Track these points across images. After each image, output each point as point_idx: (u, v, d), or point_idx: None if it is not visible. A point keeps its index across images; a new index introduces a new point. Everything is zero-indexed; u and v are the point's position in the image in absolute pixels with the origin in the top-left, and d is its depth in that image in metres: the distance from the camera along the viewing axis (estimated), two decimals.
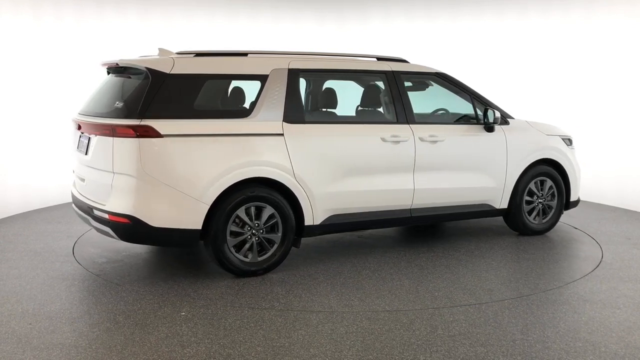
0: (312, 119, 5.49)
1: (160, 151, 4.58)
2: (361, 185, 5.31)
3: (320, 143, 5.15)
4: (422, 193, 5.60)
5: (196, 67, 4.91)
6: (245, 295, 4.53)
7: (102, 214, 4.71)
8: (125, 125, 4.57)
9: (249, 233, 4.89)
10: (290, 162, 4.97)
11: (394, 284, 4.81)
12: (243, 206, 4.83)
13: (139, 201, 4.58)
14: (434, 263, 5.38)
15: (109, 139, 4.65)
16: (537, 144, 6.25)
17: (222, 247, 4.79)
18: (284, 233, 5.00)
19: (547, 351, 3.59)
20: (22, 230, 6.53)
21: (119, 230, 4.67)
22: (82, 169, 5.14)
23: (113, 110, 4.78)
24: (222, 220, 4.75)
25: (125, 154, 4.57)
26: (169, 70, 4.77)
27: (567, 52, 8.68)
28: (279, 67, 5.12)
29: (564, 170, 6.40)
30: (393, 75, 5.62)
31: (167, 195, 4.61)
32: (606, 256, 5.63)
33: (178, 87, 4.75)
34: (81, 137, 5.13)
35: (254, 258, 4.93)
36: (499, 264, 5.40)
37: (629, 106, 8.02)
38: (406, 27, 9.69)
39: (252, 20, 9.51)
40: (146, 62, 4.84)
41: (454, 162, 5.77)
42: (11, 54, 7.43)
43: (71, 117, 5.47)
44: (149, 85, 4.68)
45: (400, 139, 5.45)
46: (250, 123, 4.91)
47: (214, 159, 4.72)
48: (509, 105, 8.62)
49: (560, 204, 6.43)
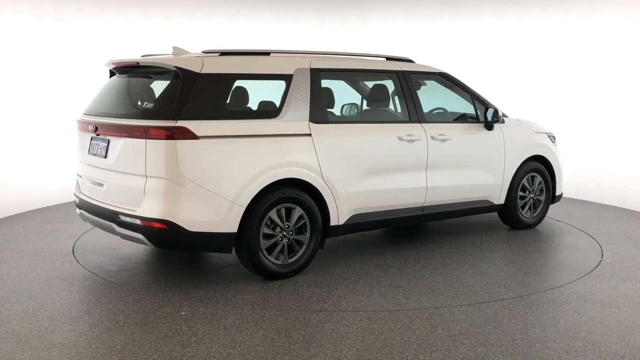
0: (334, 118, 5.48)
1: (196, 153, 4.42)
2: (380, 184, 5.36)
3: (345, 143, 5.16)
4: (434, 191, 5.72)
5: (225, 66, 4.78)
6: (246, 295, 4.54)
7: (132, 220, 4.49)
8: (161, 126, 4.37)
9: (280, 235, 4.82)
10: (318, 162, 4.94)
11: (394, 284, 4.82)
12: (275, 208, 4.74)
13: (176, 205, 4.40)
14: (432, 262, 5.38)
15: (140, 141, 4.44)
16: (529, 141, 6.52)
17: (257, 251, 4.69)
18: (312, 234, 4.97)
19: (547, 351, 3.59)
20: (22, 230, 6.53)
21: (153, 236, 4.48)
22: (99, 173, 4.90)
23: (142, 111, 4.60)
24: (256, 223, 4.66)
25: (161, 157, 4.37)
26: (200, 70, 4.61)
27: (567, 52, 8.68)
28: (301, 67, 5.07)
29: (551, 166, 6.71)
30: (404, 75, 5.72)
31: (203, 199, 4.46)
32: (606, 256, 5.63)
33: (209, 87, 4.60)
34: (95, 140, 4.94)
35: (285, 260, 4.86)
36: (498, 263, 5.40)
37: (628, 106, 8.02)
38: (406, 27, 9.69)
39: (252, 20, 9.52)
40: (175, 61, 4.66)
41: (460, 159, 5.93)
42: (10, 54, 7.43)
43: (76, 117, 5.34)
44: (181, 85, 4.51)
45: (414, 138, 5.54)
46: (280, 123, 4.84)
47: (249, 161, 4.62)
48: (507, 104, 8.64)
49: (548, 198, 6.75)
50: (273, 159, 4.72)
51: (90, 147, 5.02)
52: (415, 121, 5.62)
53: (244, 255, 4.72)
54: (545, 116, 8.89)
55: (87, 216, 5.11)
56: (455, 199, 5.96)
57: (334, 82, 5.97)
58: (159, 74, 4.82)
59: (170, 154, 4.36)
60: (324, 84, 5.19)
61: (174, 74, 4.60)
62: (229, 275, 4.95)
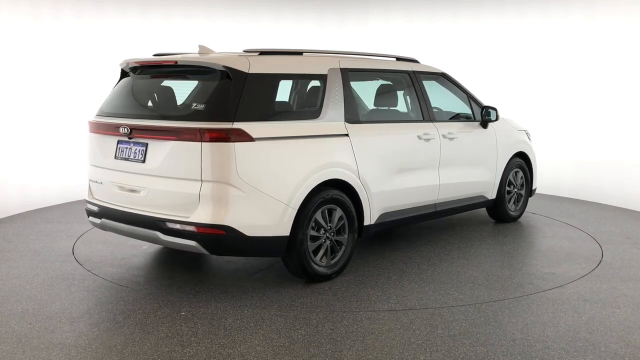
0: (364, 118, 5.44)
1: (252, 155, 4.30)
2: (404, 182, 5.42)
3: (377, 142, 5.19)
4: (445, 188, 5.89)
5: (269, 66, 4.65)
6: (246, 295, 4.53)
7: (184, 227, 4.28)
8: (219, 128, 4.21)
9: (324, 237, 4.77)
10: (355, 162, 4.94)
11: (394, 283, 4.81)
12: (320, 209, 4.69)
13: (234, 210, 4.26)
14: (431, 262, 5.38)
15: (194, 144, 4.23)
16: (514, 138, 6.83)
17: (306, 254, 4.61)
18: (350, 234, 4.94)
19: (547, 351, 3.59)
20: (22, 230, 6.53)
21: (210, 243, 4.29)
22: (134, 179, 4.61)
23: (194, 113, 4.36)
24: (305, 225, 4.58)
25: (219, 160, 4.20)
26: (248, 70, 4.47)
27: (566, 52, 8.67)
28: (333, 67, 5.05)
29: (530, 161, 7.05)
30: (415, 75, 5.83)
31: (260, 202, 4.35)
32: (606, 256, 5.63)
33: (257, 87, 4.48)
34: (124, 143, 4.68)
35: (328, 262, 4.82)
36: (498, 263, 5.40)
37: (629, 105, 8.02)
38: (406, 27, 9.69)
39: (252, 20, 9.51)
40: (223, 61, 4.47)
41: (465, 157, 6.15)
42: (10, 54, 7.43)
43: (89, 119, 5.08)
44: (232, 86, 4.37)
45: (430, 137, 5.67)
46: (322, 124, 4.81)
47: (300, 162, 4.56)
48: (507, 104, 8.65)
49: (527, 192, 7.10)
50: (320, 160, 4.69)
51: (118, 151, 4.72)
52: (427, 120, 5.76)
53: (293, 258, 4.60)
54: (545, 116, 8.90)
55: (112, 225, 4.82)
56: (460, 196, 6.14)
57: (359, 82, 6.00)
58: (200, 74, 4.67)
59: (229, 157, 4.21)
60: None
61: (221, 74, 4.44)
62: (229, 276, 4.95)
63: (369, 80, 6.10)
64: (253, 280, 4.85)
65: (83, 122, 8.15)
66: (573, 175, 8.63)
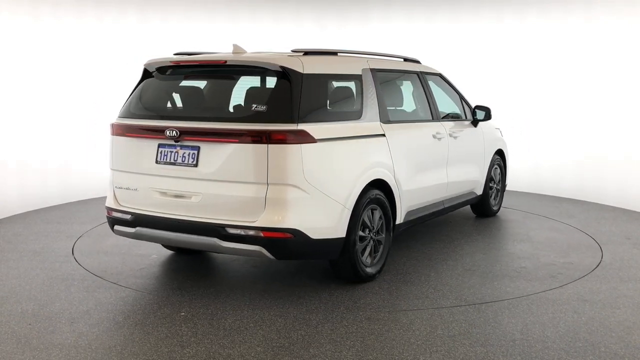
0: (394, 118, 5.39)
1: (315, 157, 4.27)
2: (424, 181, 5.53)
3: (407, 142, 5.29)
4: (452, 185, 6.07)
5: (318, 66, 4.60)
6: (246, 295, 4.53)
7: (248, 232, 4.16)
8: (285, 130, 4.14)
9: (369, 237, 4.77)
10: (392, 162, 4.98)
11: (393, 283, 4.81)
12: (366, 210, 4.68)
13: (302, 212, 4.21)
14: (431, 261, 5.38)
15: (259, 147, 4.12)
16: (494, 135, 7.16)
17: (357, 255, 4.59)
18: (387, 233, 4.96)
19: (547, 351, 3.59)
20: (22, 230, 6.53)
21: (277, 248, 4.21)
22: (183, 184, 4.38)
23: (257, 115, 4.23)
24: (356, 226, 4.56)
25: (286, 162, 4.13)
26: (302, 70, 4.39)
27: (566, 52, 8.67)
28: (365, 67, 5.06)
29: (505, 158, 7.42)
30: (422, 75, 5.96)
31: (323, 204, 4.32)
32: (606, 256, 5.63)
33: (312, 88, 4.44)
34: (168, 147, 4.43)
35: (372, 262, 4.82)
36: (497, 263, 5.40)
37: (629, 106, 8.01)
38: (406, 27, 9.68)
39: (252, 20, 9.51)
40: (279, 61, 4.38)
41: (464, 155, 6.33)
42: (10, 54, 7.43)
43: (114, 121, 4.77)
44: (291, 87, 4.29)
45: (441, 136, 5.84)
46: (364, 124, 4.82)
47: (352, 163, 4.58)
48: (506, 104, 8.64)
49: (503, 188, 7.45)
50: (367, 160, 4.72)
51: (161, 155, 4.47)
52: (436, 119, 5.89)
53: (345, 260, 4.56)
54: (545, 116, 8.90)
55: (151, 233, 4.57)
56: (460, 192, 6.33)
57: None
58: (251, 75, 4.64)
59: (297, 159, 4.16)
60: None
61: (278, 74, 4.37)
62: (229, 276, 4.95)
63: (389, 80, 6.12)
64: (253, 281, 4.85)
65: (83, 122, 8.23)
66: (573, 175, 8.63)
